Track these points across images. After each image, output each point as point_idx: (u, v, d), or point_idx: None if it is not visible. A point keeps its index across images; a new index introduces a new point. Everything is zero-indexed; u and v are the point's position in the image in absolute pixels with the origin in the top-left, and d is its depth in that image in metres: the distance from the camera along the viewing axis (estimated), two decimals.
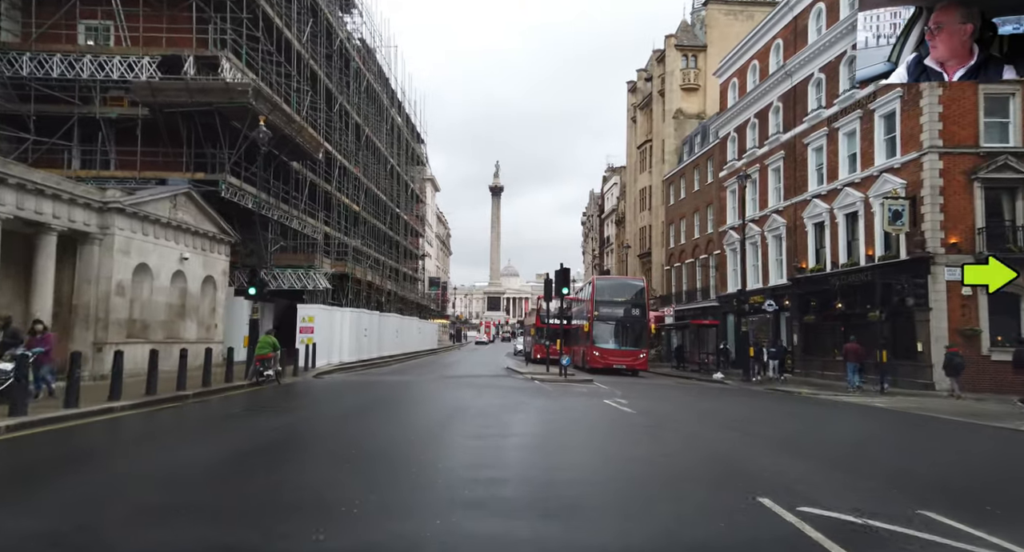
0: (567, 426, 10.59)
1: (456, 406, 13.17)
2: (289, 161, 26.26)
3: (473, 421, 10.77)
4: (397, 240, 47.09)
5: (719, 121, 36.55)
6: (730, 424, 11.43)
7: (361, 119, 37.36)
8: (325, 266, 26.82)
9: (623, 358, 28.01)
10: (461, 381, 21.06)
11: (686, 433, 10.04)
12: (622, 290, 30.03)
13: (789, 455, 8.38)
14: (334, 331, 26.47)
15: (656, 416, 12.09)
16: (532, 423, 10.42)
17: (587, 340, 28.76)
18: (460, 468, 6.83)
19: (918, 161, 21.44)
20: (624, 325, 28.44)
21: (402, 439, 9.12)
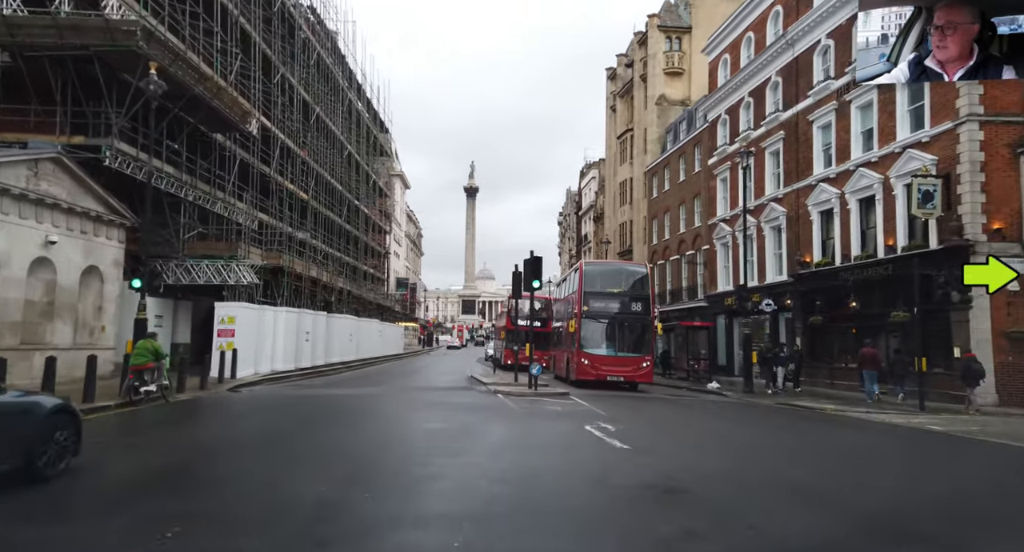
0: (527, 486, 6.39)
1: (377, 440, 9.28)
2: (210, 133, 22.11)
3: (385, 473, 6.93)
4: (356, 235, 42.94)
5: (708, 103, 33.22)
6: (789, 482, 7.01)
7: (311, 97, 33.25)
8: (253, 257, 22.68)
9: (621, 368, 21.45)
10: (408, 396, 17.17)
11: (732, 506, 5.81)
12: (618, 278, 23.50)
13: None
14: (264, 334, 22.37)
15: (662, 458, 8.31)
16: (472, 477, 6.58)
17: (573, 344, 22.38)
18: None
19: (953, 133, 18.14)
20: (621, 324, 21.97)
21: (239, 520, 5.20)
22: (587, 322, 21.72)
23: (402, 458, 7.60)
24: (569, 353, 23.16)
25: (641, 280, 23.49)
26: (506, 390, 17.47)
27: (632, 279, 23.57)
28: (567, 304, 24.74)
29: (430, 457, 7.58)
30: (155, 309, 20.35)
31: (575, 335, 21.98)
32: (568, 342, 23.66)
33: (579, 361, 21.37)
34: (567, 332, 24.09)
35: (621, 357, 21.50)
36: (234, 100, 20.75)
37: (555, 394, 17.26)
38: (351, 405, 14.07)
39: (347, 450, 8.16)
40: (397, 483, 6.31)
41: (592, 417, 12.51)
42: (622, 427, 10.87)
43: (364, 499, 5.62)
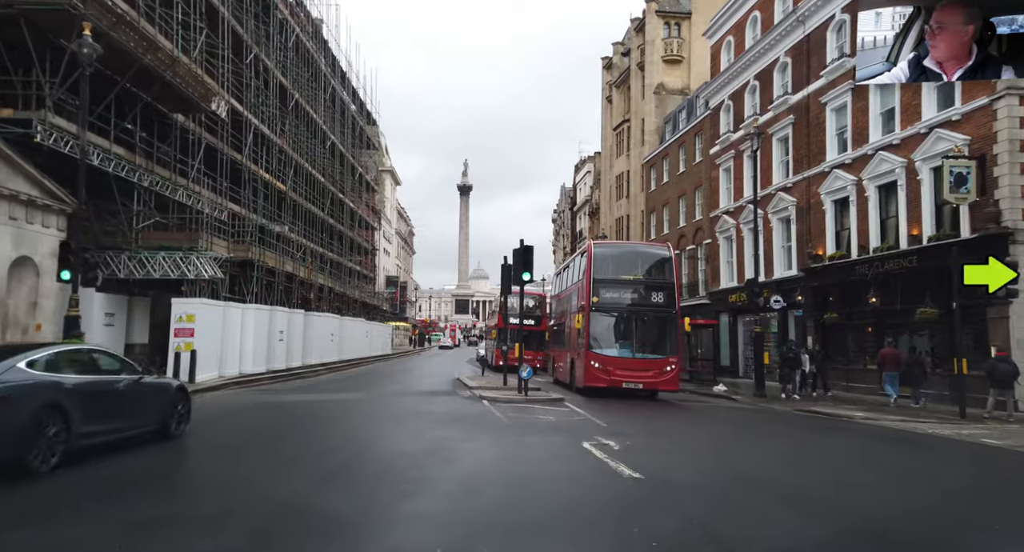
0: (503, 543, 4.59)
1: (319, 472, 7.31)
2: (170, 113, 20.13)
3: (297, 534, 5.03)
4: (341, 230, 40.95)
5: (710, 89, 31.41)
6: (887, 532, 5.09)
7: (289, 82, 31.26)
8: (217, 249, 20.71)
9: (640, 372, 17.26)
10: (382, 403, 15.28)
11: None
12: (635, 262, 19.15)
13: None
14: (230, 333, 20.40)
15: (690, 495, 6.26)
16: (422, 544, 4.65)
17: (579, 343, 18.30)
18: None
19: (988, 109, 16.37)
20: (640, 318, 17.78)
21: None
22: (597, 316, 17.56)
23: (339, 505, 5.67)
24: (574, 354, 19.16)
25: (663, 264, 18.95)
26: (492, 395, 15.59)
27: (652, 263, 19.22)
28: (572, 295, 20.63)
29: (374, 499, 5.70)
30: (105, 306, 18.39)
31: (582, 332, 17.89)
32: (572, 341, 19.54)
33: (587, 364, 17.30)
34: (571, 329, 19.92)
35: (640, 359, 17.37)
36: (193, 75, 18.79)
37: (547, 400, 15.39)
38: (310, 417, 12.15)
39: (270, 490, 6.21)
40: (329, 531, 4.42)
41: (591, 430, 10.65)
42: (628, 444, 9.01)
43: None
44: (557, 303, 24.40)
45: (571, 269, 22.28)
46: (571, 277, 21.68)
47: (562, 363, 21.88)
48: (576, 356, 18.82)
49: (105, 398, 7.76)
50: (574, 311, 19.51)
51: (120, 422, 7.96)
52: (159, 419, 8.66)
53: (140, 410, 8.39)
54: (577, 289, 19.60)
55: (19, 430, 6.35)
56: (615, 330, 17.92)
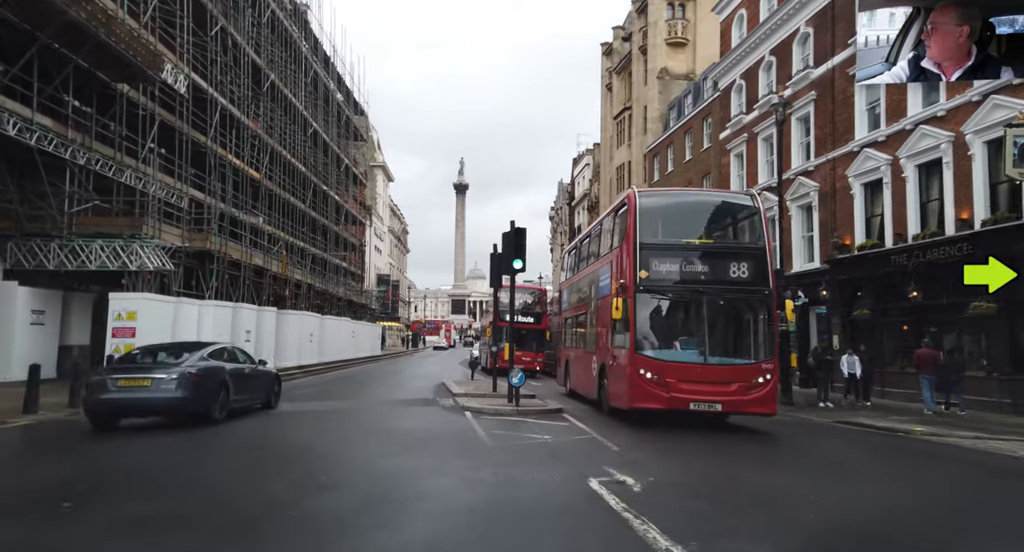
0: None
1: (198, 542, 4.93)
2: (112, 82, 17.66)
3: None
4: (325, 224, 38.48)
5: (719, 68, 29.03)
6: None
7: (264, 62, 28.82)
8: (168, 237, 18.22)
9: (717, 387, 11.07)
10: (346, 415, 12.85)
11: None
12: (703, 217, 13.03)
13: None
14: (184, 333, 17.95)
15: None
16: None
17: (617, 343, 12.24)
18: None
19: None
20: (714, 303, 11.56)
21: None
22: (647, 301, 11.43)
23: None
24: (605, 358, 13.03)
25: (747, 220, 12.52)
26: (477, 405, 13.14)
27: (729, 219, 13.04)
28: (599, 274, 14.35)
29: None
30: (32, 302, 15.99)
31: (620, 326, 11.81)
32: (602, 340, 13.41)
33: (633, 374, 11.15)
34: (598, 322, 14.04)
35: (716, 366, 11.07)
36: (134, 37, 16.31)
37: (542, 411, 12.94)
38: (235, 441, 9.67)
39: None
40: None
41: (597, 455, 8.22)
42: (651, 480, 6.58)
43: None
44: (572, 290, 18.22)
45: (597, 237, 15.52)
46: (596, 248, 15.43)
47: (584, 371, 15.60)
48: (611, 361, 12.54)
49: (242, 379, 11.66)
50: (604, 296, 13.42)
51: (248, 395, 12.05)
52: (265, 397, 12.93)
53: (257, 388, 12.59)
54: (610, 263, 13.14)
55: (208, 394, 10.41)
56: (676, 322, 11.84)
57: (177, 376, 10.07)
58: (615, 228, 13.43)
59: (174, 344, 13.14)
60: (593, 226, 16.86)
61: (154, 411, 10.29)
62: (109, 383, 9.92)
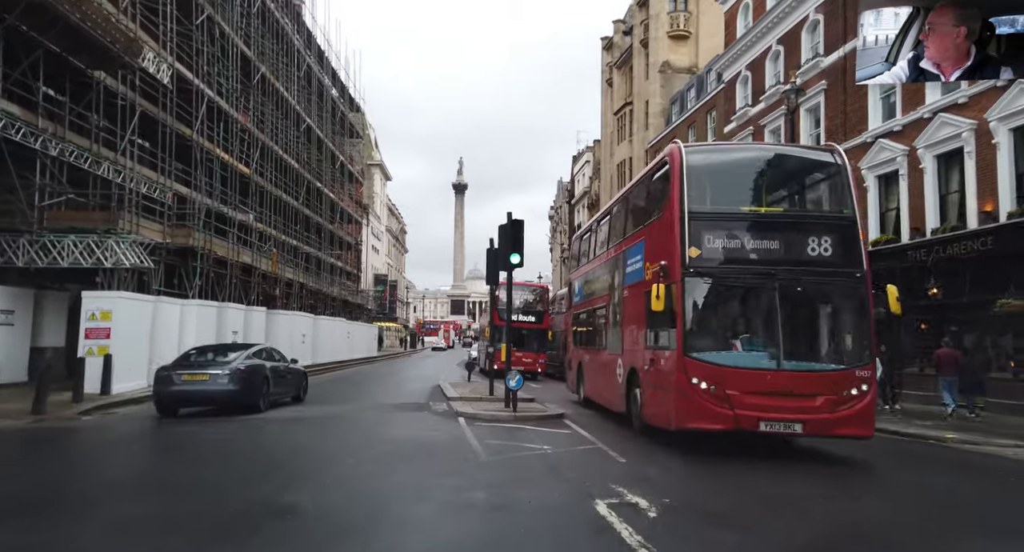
0: None
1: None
2: (88, 69, 16.74)
3: None
4: (318, 222, 37.57)
5: (724, 60, 28.14)
6: None
7: (254, 54, 27.91)
8: (147, 233, 17.30)
9: (796, 402, 8.25)
10: (330, 421, 11.95)
11: None
12: (769, 176, 10.04)
13: None
14: (164, 334, 17.07)
15: None
16: None
17: (660, 341, 9.46)
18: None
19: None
20: (789, 290, 8.56)
21: None
22: (700, 287, 8.76)
23: None
24: (642, 362, 10.14)
25: (825, 181, 9.67)
26: (472, 411, 12.23)
27: (804, 181, 10.10)
28: (627, 256, 11.39)
29: None
30: (1, 301, 15.03)
31: (663, 319, 9.11)
32: (632, 337, 10.83)
33: (683, 384, 8.46)
34: (623, 316, 11.49)
35: (795, 374, 8.38)
36: (109, 20, 15.40)
37: (541, 417, 12.03)
38: (206, 450, 8.78)
39: None
40: None
41: (603, 470, 7.32)
42: (667, 502, 5.69)
43: None
44: (587, 280, 15.32)
45: (623, 212, 12.56)
46: (621, 225, 12.39)
47: (605, 377, 12.69)
48: (646, 366, 9.83)
49: (279, 375, 13.60)
50: (634, 283, 10.67)
51: (283, 389, 13.85)
52: (296, 391, 14.67)
53: (290, 383, 14.41)
54: (643, 241, 10.37)
55: (255, 388, 12.36)
56: (739, 315, 9.03)
57: (230, 372, 11.99)
58: (650, 196, 10.58)
59: (222, 345, 15.44)
60: (617, 199, 13.82)
61: (211, 401, 12.22)
62: (174, 377, 11.87)
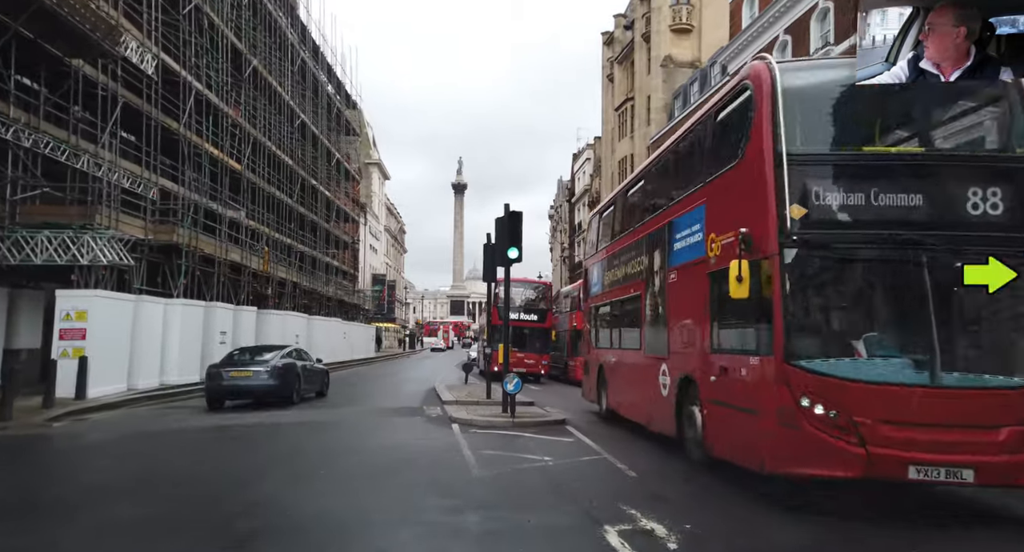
0: None
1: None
2: (65, 57, 15.95)
3: None
4: (313, 220, 36.77)
5: (728, 52, 27.39)
6: None
7: (246, 46, 27.12)
8: (128, 228, 16.49)
9: (970, 436, 5.47)
10: (317, 428, 11.15)
11: None
12: (904, 103, 6.60)
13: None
14: (146, 335, 16.28)
15: None
16: None
17: (721, 338, 7.21)
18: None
19: None
20: (946, 264, 5.81)
21: None
22: (808, 261, 6.01)
23: None
24: (703, 370, 7.55)
25: (984, 107, 6.55)
26: (467, 417, 11.43)
27: (958, 107, 6.71)
28: (677, 224, 8.64)
29: None
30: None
31: (745, 310, 6.49)
32: (686, 335, 8.27)
33: (788, 409, 5.73)
34: (669, 306, 8.95)
35: (960, 393, 5.64)
36: (85, 4, 14.59)
37: (541, 423, 11.23)
38: (171, 465, 7.98)
39: None
40: None
41: (612, 486, 6.51)
42: (688, 529, 4.89)
43: None
44: (609, 264, 12.38)
45: (668, 168, 9.87)
46: (667, 185, 9.69)
47: (641, 387, 10.02)
48: (712, 375, 7.29)
49: (308, 372, 15.44)
50: (688, 262, 8.17)
51: (311, 385, 15.62)
52: (320, 387, 16.36)
53: (316, 380, 16.11)
54: (709, 200, 7.65)
55: (290, 383, 14.29)
56: (869, 304, 6.33)
57: (269, 369, 13.96)
58: (716, 141, 7.69)
59: (259, 347, 17.17)
60: (656, 158, 10.52)
61: (253, 394, 13.91)
62: (223, 374, 13.69)
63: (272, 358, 14.34)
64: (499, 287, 19.42)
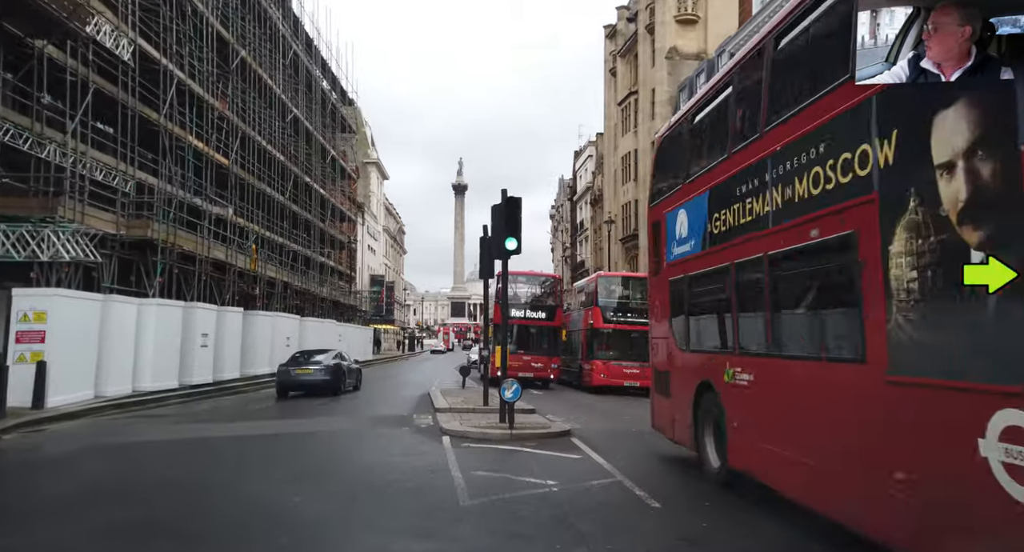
0: None
1: None
2: (27, 37, 14.77)
3: None
4: (307, 219, 35.57)
5: (738, 38, 26.18)
6: None
7: (234, 36, 25.96)
8: (97, 223, 15.27)
9: None
10: (288, 442, 9.94)
11: None
12: None
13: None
14: (116, 337, 15.05)
15: None
16: None
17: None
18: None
19: None
20: None
21: None
22: None
23: None
24: None
25: None
26: (460, 428, 10.18)
27: None
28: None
29: None
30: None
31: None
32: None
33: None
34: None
35: None
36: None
37: (544, 435, 9.98)
38: (116, 490, 6.75)
39: None
40: None
41: (635, 523, 5.30)
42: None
43: None
44: (737, 196, 6.54)
45: None
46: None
47: (865, 451, 4.44)
48: None
49: (349, 371, 19.41)
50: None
51: (351, 380, 19.33)
52: (356, 383, 19.95)
53: (354, 377, 19.92)
54: None
55: (339, 378, 17.80)
56: None
57: (325, 367, 17.57)
58: None
59: (312, 350, 20.06)
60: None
61: (314, 387, 17.14)
62: (291, 371, 17.51)
63: (325, 359, 18.18)
64: (501, 283, 18.21)
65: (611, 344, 20.95)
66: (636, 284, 21.96)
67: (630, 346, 20.12)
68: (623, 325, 20.97)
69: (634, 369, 19.52)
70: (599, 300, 21.61)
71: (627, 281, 22.77)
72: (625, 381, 19.85)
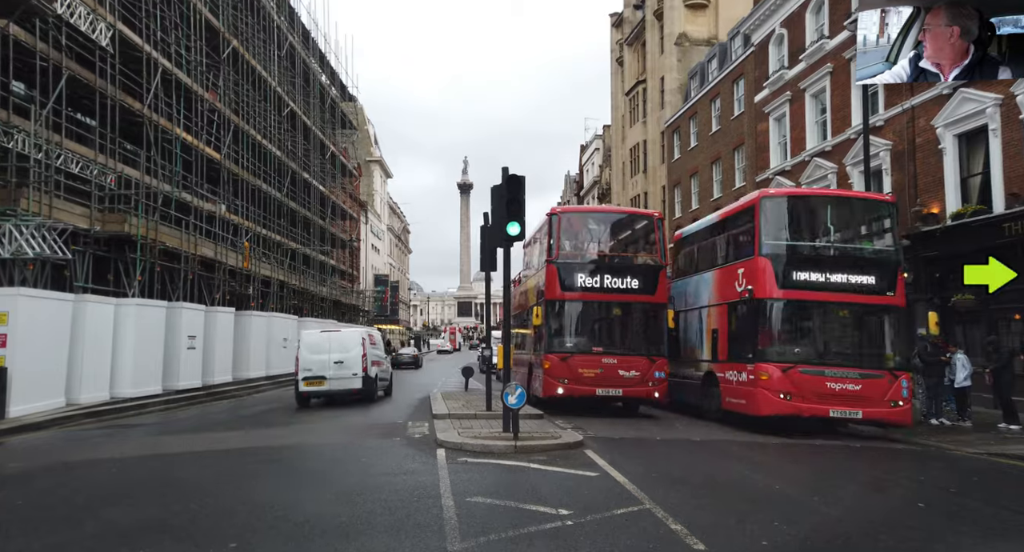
0: None
1: None
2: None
3: None
4: (307, 217, 34.47)
5: (752, 20, 24.83)
6: None
7: (224, 25, 24.84)
8: (67, 217, 14.13)
9: None
10: (264, 456, 8.73)
11: None
12: None
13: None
14: (91, 340, 13.92)
15: None
16: None
17: None
18: None
19: None
20: None
21: None
22: None
23: None
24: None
25: None
26: (457, 439, 8.96)
27: None
28: None
29: None
30: None
31: None
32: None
33: None
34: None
35: None
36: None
37: (553, 447, 8.75)
38: (59, 519, 5.57)
39: None
40: None
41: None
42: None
43: None
44: None
45: None
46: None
47: None
48: None
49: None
50: None
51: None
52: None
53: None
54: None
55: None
56: None
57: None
58: None
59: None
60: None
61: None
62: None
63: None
64: (527, 246, 16.79)
65: (797, 331, 11.31)
66: (843, 208, 12.30)
67: (839, 335, 11.23)
68: (824, 293, 10.84)
69: (849, 383, 10.39)
70: (764, 243, 11.10)
71: (827, 203, 12.31)
72: (831, 409, 10.36)
